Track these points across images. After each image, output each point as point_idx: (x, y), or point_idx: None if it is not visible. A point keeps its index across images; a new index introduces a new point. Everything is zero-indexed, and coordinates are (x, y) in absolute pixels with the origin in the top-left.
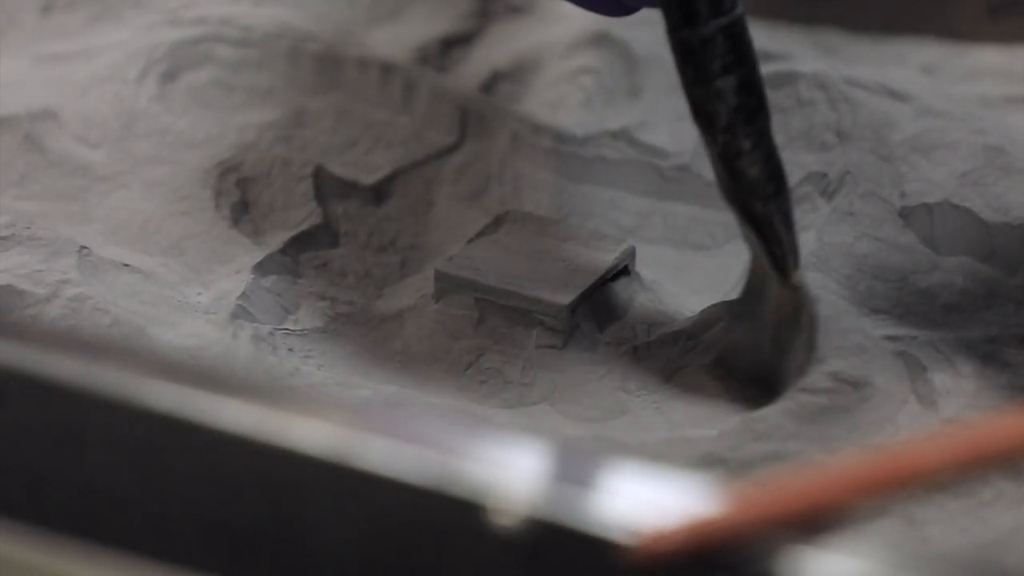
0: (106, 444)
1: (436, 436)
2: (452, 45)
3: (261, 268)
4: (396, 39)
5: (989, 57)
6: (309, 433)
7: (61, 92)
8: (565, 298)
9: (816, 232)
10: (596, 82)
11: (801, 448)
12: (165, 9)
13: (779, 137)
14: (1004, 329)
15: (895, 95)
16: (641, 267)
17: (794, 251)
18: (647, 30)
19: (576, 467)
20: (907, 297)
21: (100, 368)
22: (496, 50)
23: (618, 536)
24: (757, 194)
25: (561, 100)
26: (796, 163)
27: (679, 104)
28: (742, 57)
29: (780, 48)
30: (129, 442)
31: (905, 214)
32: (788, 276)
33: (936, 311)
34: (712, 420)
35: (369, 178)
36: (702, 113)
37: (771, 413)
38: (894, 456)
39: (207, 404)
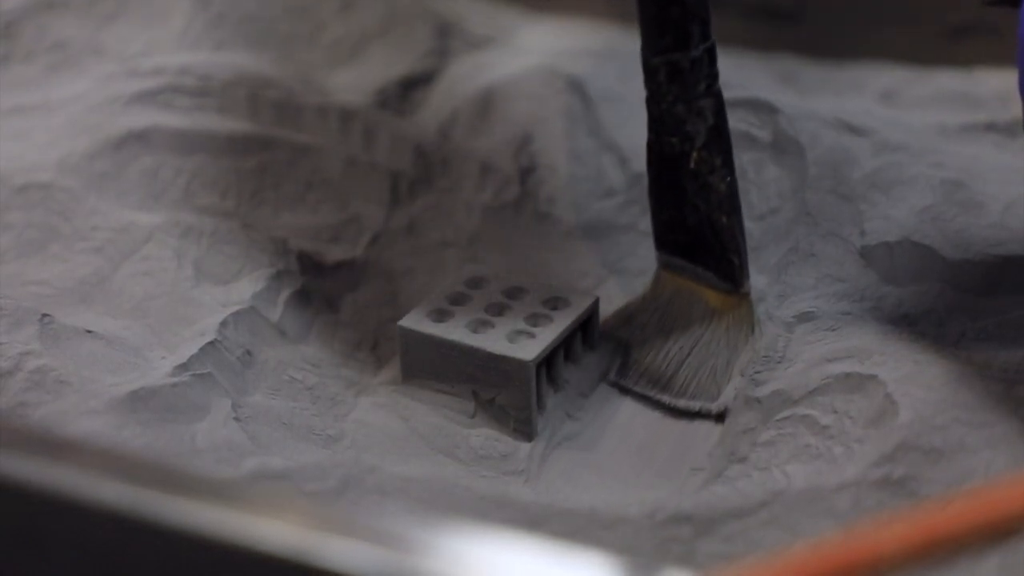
0: (62, 545)
1: (396, 533)
2: (412, 86)
3: (224, 329)
4: (356, 83)
5: (948, 81)
6: (269, 532)
7: (23, 150)
8: (528, 354)
9: (776, 272)
10: (558, 118)
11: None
12: (123, 57)
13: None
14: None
15: (854, 130)
16: None
17: (746, 262)
18: (598, 66)
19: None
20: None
21: (54, 468)
22: (456, 89)
23: None
24: (724, 208)
25: (522, 138)
26: None
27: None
28: (715, 76)
29: (739, 77)
30: (86, 543)
31: (866, 253)
32: (741, 284)
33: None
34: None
35: (333, 254)
36: (680, 131)
37: None
38: (859, 542)
39: (164, 503)
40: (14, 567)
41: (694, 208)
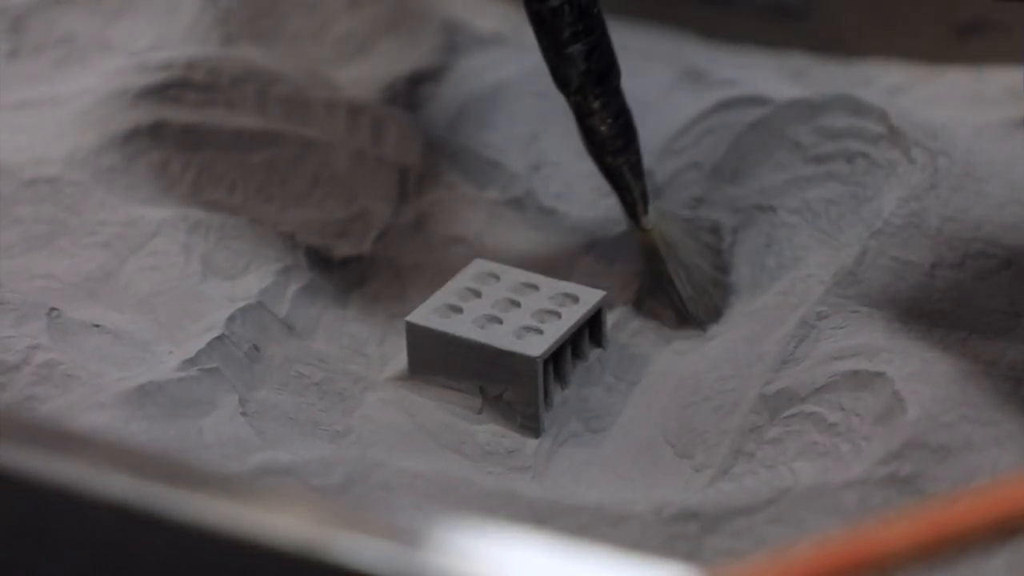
0: (69, 539)
1: (402, 528)
2: (420, 82)
3: (231, 324)
4: (364, 78)
5: (957, 80)
6: (275, 527)
7: (31, 143)
8: (536, 350)
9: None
10: (565, 114)
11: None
12: (131, 52)
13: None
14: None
15: None
16: None
17: (644, 198)
18: None
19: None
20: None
21: (61, 462)
22: (464, 85)
23: None
24: (607, 149)
25: (530, 135)
26: None
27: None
28: (589, 26)
29: (747, 74)
30: (92, 537)
31: (873, 249)
32: (639, 220)
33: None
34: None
35: (341, 249)
36: (557, 76)
37: None
38: (865, 540)
39: (170, 498)
40: (20, 561)
41: (588, 148)
